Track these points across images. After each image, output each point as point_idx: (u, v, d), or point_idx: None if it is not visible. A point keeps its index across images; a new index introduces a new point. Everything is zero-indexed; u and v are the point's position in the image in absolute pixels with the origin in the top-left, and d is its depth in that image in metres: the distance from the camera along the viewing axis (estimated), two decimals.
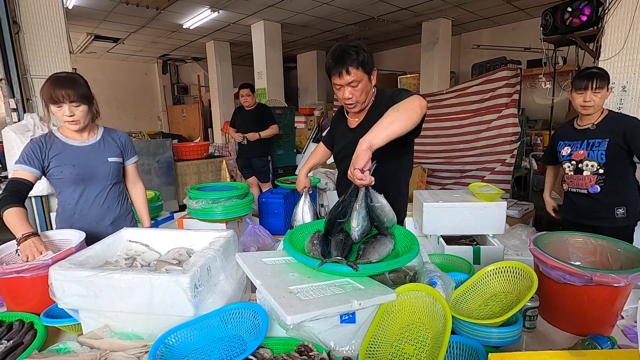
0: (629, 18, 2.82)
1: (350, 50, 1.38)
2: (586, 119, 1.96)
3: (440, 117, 4.30)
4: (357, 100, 1.47)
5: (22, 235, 1.29)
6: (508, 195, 3.85)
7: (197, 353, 0.91)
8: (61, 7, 3.01)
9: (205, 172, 5.52)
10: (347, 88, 1.43)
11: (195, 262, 1.02)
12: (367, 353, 0.89)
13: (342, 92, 1.46)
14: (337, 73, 1.40)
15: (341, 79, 1.41)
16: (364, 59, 1.39)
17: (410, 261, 1.05)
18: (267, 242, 1.69)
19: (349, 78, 1.40)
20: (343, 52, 1.39)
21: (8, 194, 1.43)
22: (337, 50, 1.41)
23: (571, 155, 2.00)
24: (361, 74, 1.41)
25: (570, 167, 2.02)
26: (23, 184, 1.48)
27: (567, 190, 2.10)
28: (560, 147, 2.08)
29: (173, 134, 9.25)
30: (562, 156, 2.06)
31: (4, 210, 1.38)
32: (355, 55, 1.38)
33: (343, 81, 1.41)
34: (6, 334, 1.07)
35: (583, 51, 3.35)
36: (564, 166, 2.07)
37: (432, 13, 6.40)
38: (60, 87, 1.46)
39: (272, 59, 6.99)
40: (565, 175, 2.08)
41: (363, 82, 1.43)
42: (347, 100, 1.47)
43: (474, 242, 1.81)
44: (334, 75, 1.42)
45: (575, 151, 1.99)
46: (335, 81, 1.44)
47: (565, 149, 2.04)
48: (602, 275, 1.00)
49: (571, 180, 2.04)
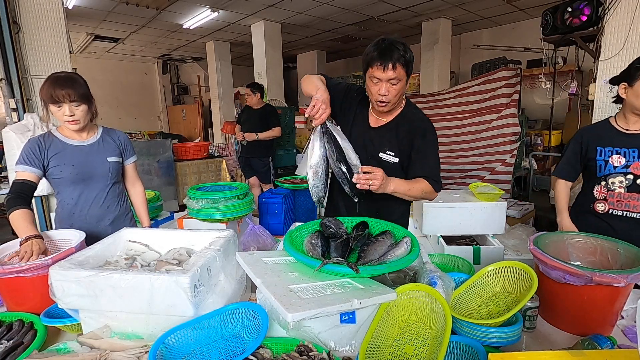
0: (629, 18, 2.82)
1: (398, 45, 1.32)
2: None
3: (440, 117, 4.30)
4: (390, 99, 1.40)
5: (25, 237, 1.28)
6: (508, 195, 3.85)
7: (197, 353, 0.91)
8: (61, 7, 3.01)
9: (205, 172, 5.51)
10: (385, 84, 1.35)
11: (195, 262, 1.02)
12: (367, 353, 0.89)
13: (378, 86, 1.36)
14: (381, 66, 1.31)
15: (385, 72, 1.32)
16: (410, 58, 1.34)
17: (410, 263, 1.05)
18: (267, 242, 1.69)
19: (392, 74, 1.32)
20: (391, 46, 1.31)
21: (14, 196, 1.44)
22: (385, 42, 1.33)
23: (629, 166, 1.57)
24: (403, 73, 1.34)
25: (624, 182, 1.58)
26: (27, 185, 1.49)
27: (606, 211, 1.64)
28: (604, 154, 1.62)
29: (173, 134, 9.26)
30: (611, 167, 1.60)
31: (10, 212, 1.39)
32: (403, 52, 1.32)
33: (385, 75, 1.33)
34: (6, 334, 1.07)
35: (583, 51, 3.35)
36: (609, 181, 1.61)
37: (432, 13, 6.40)
38: (60, 86, 1.46)
39: (272, 59, 6.99)
40: (607, 192, 1.63)
41: (402, 82, 1.37)
42: (382, 96, 1.38)
43: (474, 242, 1.81)
44: (376, 68, 1.33)
45: (634, 162, 1.57)
46: (375, 74, 1.34)
47: (616, 159, 1.59)
48: (602, 275, 1.00)
49: (619, 201, 1.59)
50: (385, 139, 1.50)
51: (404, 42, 1.34)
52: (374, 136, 1.52)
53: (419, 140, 1.47)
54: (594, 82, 3.06)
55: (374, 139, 1.52)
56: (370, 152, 1.51)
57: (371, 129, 1.53)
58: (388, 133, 1.51)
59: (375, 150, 1.51)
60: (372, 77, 1.36)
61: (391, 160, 1.49)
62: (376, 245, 1.10)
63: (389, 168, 1.51)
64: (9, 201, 1.42)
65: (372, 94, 1.41)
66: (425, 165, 1.47)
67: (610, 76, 1.79)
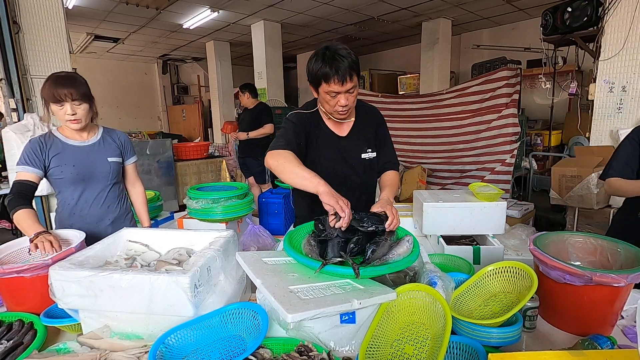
0: (629, 18, 2.82)
1: (343, 52, 1.28)
2: None
3: (440, 117, 4.30)
4: (350, 106, 1.39)
5: (35, 233, 1.29)
6: (508, 195, 3.86)
7: (197, 353, 0.91)
8: (61, 7, 3.01)
9: (205, 172, 5.51)
10: (344, 95, 1.33)
11: (195, 262, 1.02)
12: (367, 353, 0.89)
13: (337, 99, 1.34)
14: (339, 80, 1.27)
15: (343, 86, 1.29)
16: (356, 59, 1.31)
17: (411, 264, 1.05)
18: (267, 242, 1.69)
19: (350, 85, 1.30)
20: (338, 56, 1.27)
21: (15, 196, 1.45)
22: (330, 52, 1.28)
23: None
24: (356, 79, 1.32)
25: None
26: (27, 185, 1.50)
27: None
28: None
29: (173, 134, 9.26)
30: None
31: (14, 212, 1.40)
32: (350, 57, 1.28)
33: (343, 88, 1.30)
34: (6, 334, 1.07)
35: (583, 51, 3.35)
36: None
37: (432, 13, 6.40)
38: (62, 85, 1.47)
39: (272, 59, 6.99)
40: None
41: (357, 88, 1.36)
42: (343, 108, 1.36)
43: (474, 242, 1.81)
44: (333, 83, 1.28)
45: None
46: (332, 89, 1.30)
47: None
48: (602, 275, 1.00)
49: None
50: (361, 140, 1.54)
51: (346, 47, 1.31)
52: (348, 143, 1.53)
53: (381, 129, 1.59)
54: (594, 82, 3.07)
55: (350, 145, 1.53)
56: (352, 159, 1.54)
57: (341, 139, 1.52)
58: (360, 135, 1.54)
59: (356, 153, 1.54)
60: (330, 92, 1.33)
61: (371, 156, 1.56)
62: (378, 247, 1.10)
63: (370, 164, 1.57)
64: (11, 202, 1.43)
65: (330, 106, 1.38)
66: (388, 151, 1.60)
67: (610, 76, 1.77)
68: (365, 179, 1.58)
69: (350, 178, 1.55)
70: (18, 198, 1.44)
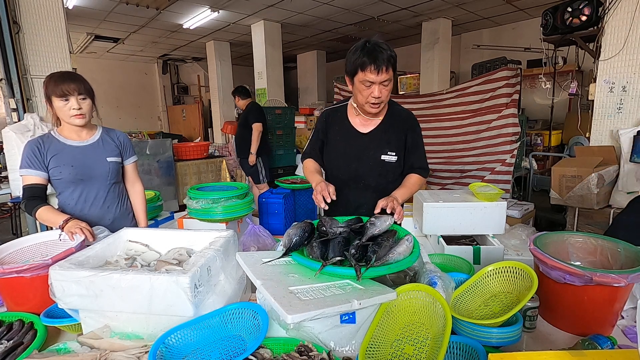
0: (629, 18, 2.82)
1: (383, 46, 1.33)
2: None
3: (440, 117, 4.30)
4: (383, 100, 1.41)
5: (63, 220, 1.40)
6: (508, 195, 3.85)
7: (197, 353, 0.91)
8: (61, 7, 3.01)
9: (205, 172, 5.51)
10: (378, 86, 1.36)
11: (195, 262, 1.02)
12: (367, 353, 0.89)
13: (371, 89, 1.37)
14: (376, 69, 1.31)
15: (378, 75, 1.32)
16: (395, 57, 1.35)
17: (411, 264, 1.05)
18: (267, 242, 1.68)
19: (385, 76, 1.33)
20: (379, 48, 1.32)
21: (28, 200, 1.51)
22: (370, 44, 1.34)
23: None
24: (392, 73, 1.36)
25: None
26: (37, 188, 1.54)
27: None
28: None
29: (173, 134, 9.26)
30: None
31: (35, 210, 1.48)
32: (390, 51, 1.33)
33: (379, 78, 1.33)
34: (6, 334, 1.07)
35: (583, 51, 3.35)
36: None
37: (432, 13, 6.40)
38: (68, 80, 1.51)
39: (272, 59, 6.99)
40: None
41: (392, 82, 1.39)
42: (376, 99, 1.39)
43: (474, 242, 1.81)
44: (369, 71, 1.33)
45: None
46: (368, 77, 1.34)
47: None
48: (602, 275, 1.00)
49: None
50: (383, 141, 1.53)
51: (386, 42, 1.37)
52: (369, 141, 1.54)
53: (412, 134, 1.56)
54: (594, 82, 3.06)
55: (370, 143, 1.54)
56: (370, 157, 1.53)
57: (363, 135, 1.55)
58: (384, 135, 1.53)
59: (375, 153, 1.53)
60: (365, 81, 1.36)
61: (392, 160, 1.54)
62: (379, 248, 1.09)
63: (389, 167, 1.54)
64: (28, 205, 1.51)
65: (363, 97, 1.41)
66: (418, 157, 1.59)
67: (610, 76, 1.78)
68: (381, 182, 1.56)
69: (365, 178, 1.56)
70: (33, 200, 1.51)
